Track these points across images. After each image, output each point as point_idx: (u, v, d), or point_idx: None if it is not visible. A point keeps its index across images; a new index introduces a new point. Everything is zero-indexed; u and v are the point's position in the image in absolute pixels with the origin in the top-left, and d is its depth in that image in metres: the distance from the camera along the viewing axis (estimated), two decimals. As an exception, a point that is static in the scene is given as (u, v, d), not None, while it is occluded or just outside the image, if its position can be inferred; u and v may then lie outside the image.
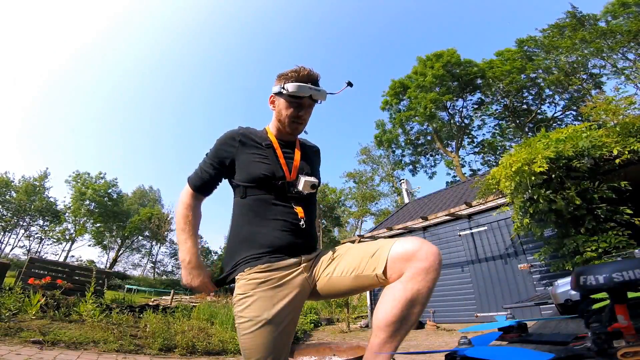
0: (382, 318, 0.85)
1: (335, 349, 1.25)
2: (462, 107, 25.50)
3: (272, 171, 1.09)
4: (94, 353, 3.26)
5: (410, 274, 0.86)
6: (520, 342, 1.24)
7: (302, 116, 1.15)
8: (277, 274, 1.01)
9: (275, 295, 0.98)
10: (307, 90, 1.10)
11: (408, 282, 0.85)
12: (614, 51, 16.85)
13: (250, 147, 1.14)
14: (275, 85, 1.16)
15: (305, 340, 5.95)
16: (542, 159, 4.17)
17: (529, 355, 0.79)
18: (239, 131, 1.17)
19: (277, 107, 1.18)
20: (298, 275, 1.03)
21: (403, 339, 0.86)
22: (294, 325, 1.03)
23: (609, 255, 3.28)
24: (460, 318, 6.85)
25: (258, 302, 0.97)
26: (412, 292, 0.84)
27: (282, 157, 1.14)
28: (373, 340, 0.87)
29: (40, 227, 30.88)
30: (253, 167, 1.10)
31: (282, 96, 1.15)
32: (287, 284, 1.00)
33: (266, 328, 0.94)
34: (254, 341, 0.95)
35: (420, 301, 0.85)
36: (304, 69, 1.14)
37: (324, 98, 1.16)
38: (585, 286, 0.82)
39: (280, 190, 1.09)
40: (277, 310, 0.96)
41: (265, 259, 1.02)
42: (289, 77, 1.13)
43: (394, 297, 0.86)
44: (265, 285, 0.99)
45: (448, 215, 7.38)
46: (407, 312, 0.84)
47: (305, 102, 1.14)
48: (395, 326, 0.84)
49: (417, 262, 0.86)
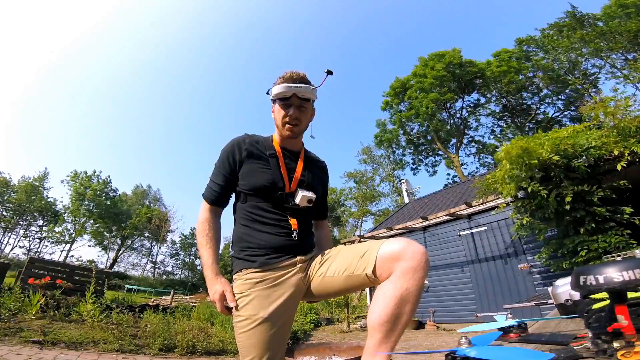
0: (376, 318, 0.87)
1: (335, 349, 1.25)
2: (462, 108, 25.54)
3: (273, 182, 1.12)
4: (94, 353, 3.26)
5: (399, 273, 0.88)
6: (520, 342, 1.24)
7: (292, 115, 1.15)
8: (272, 274, 1.05)
9: (271, 294, 1.02)
10: (289, 89, 1.13)
11: (397, 281, 0.88)
12: (613, 51, 16.86)
13: (255, 156, 1.15)
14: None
15: (305, 340, 5.95)
16: (549, 147, 4.17)
17: (529, 355, 0.79)
18: (245, 139, 1.18)
19: (274, 114, 1.21)
20: (293, 275, 1.07)
21: (398, 339, 0.87)
22: (289, 325, 1.07)
23: (609, 255, 3.28)
24: (460, 318, 6.85)
25: (254, 301, 1.01)
26: (401, 290, 0.86)
27: (284, 168, 1.16)
28: (369, 342, 0.88)
29: (40, 228, 30.89)
30: (255, 176, 1.13)
31: (274, 102, 1.19)
32: (282, 284, 1.04)
33: (262, 326, 0.98)
34: (251, 339, 0.98)
35: (410, 299, 0.86)
36: (288, 71, 1.17)
37: (312, 94, 1.17)
38: (585, 286, 0.82)
39: (278, 200, 1.12)
40: (273, 309, 1.00)
41: (261, 260, 1.06)
42: (276, 82, 1.18)
43: (385, 296, 0.88)
44: (261, 284, 1.04)
45: (448, 215, 7.39)
46: (399, 311, 0.86)
47: (293, 101, 1.15)
48: (388, 325, 0.86)
49: (404, 261, 0.88)
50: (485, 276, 6.73)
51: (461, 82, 23.64)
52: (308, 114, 1.21)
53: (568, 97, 20.79)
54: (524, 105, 23.15)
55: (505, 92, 22.49)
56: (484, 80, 22.91)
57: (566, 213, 4.20)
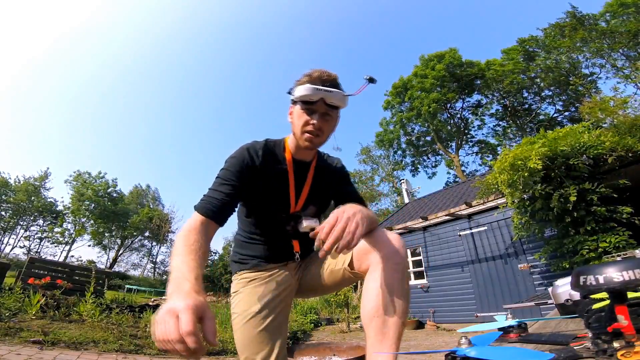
0: (365, 314, 0.83)
1: (335, 349, 1.25)
2: (462, 108, 25.55)
3: (279, 204, 1.07)
4: (94, 353, 3.26)
5: (375, 263, 0.85)
6: (520, 342, 1.24)
7: (316, 124, 0.99)
8: (264, 273, 1.10)
9: (261, 290, 1.06)
10: (317, 92, 0.96)
11: (374, 272, 0.85)
12: (614, 51, 16.86)
13: (266, 172, 1.04)
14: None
15: (305, 340, 5.95)
16: (536, 156, 4.19)
17: (529, 355, 0.79)
18: (257, 150, 1.05)
19: (292, 117, 1.06)
20: (285, 272, 1.11)
21: (397, 335, 0.79)
22: (285, 323, 1.07)
23: (609, 255, 3.28)
24: (460, 318, 6.85)
25: (246, 297, 1.05)
26: (380, 280, 0.82)
27: (293, 188, 1.07)
28: (367, 342, 0.82)
29: (40, 228, 30.88)
30: (262, 196, 1.05)
31: (295, 104, 1.04)
32: (273, 280, 1.08)
33: (254, 320, 1.00)
34: (245, 335, 0.99)
35: (394, 288, 0.81)
36: (317, 70, 1.02)
37: (343, 102, 1.01)
38: (585, 286, 0.82)
39: (281, 222, 1.09)
40: (264, 303, 1.02)
41: (253, 262, 1.11)
42: (301, 81, 1.02)
43: (367, 289, 0.85)
44: (253, 282, 1.08)
45: (448, 215, 7.39)
46: (386, 302, 0.80)
47: (319, 107, 0.99)
48: (379, 320, 0.80)
49: (378, 251, 0.86)
50: (485, 276, 6.73)
51: (461, 82, 23.67)
52: (332, 124, 1.05)
53: (569, 98, 20.79)
54: (524, 106, 23.16)
55: (506, 92, 22.49)
56: (485, 81, 22.93)
57: (566, 213, 4.20)
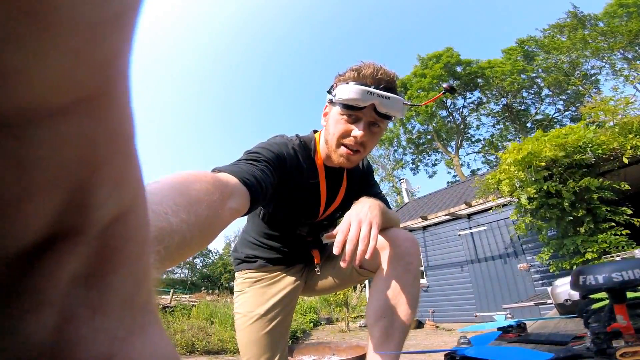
0: (371, 314, 0.80)
1: (335, 348, 1.25)
2: (462, 107, 25.57)
3: (305, 214, 0.96)
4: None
5: (386, 262, 0.81)
6: (520, 342, 1.24)
7: (359, 137, 0.78)
8: (270, 274, 1.06)
9: (268, 291, 1.03)
10: (368, 96, 0.74)
11: (384, 271, 0.81)
12: (614, 51, 16.87)
13: (295, 175, 0.85)
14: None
15: (305, 340, 5.96)
16: (549, 150, 4.22)
17: (529, 355, 0.79)
18: (297, 150, 0.87)
19: (327, 120, 0.86)
20: (292, 273, 1.07)
21: (403, 336, 0.78)
22: (288, 323, 1.06)
23: (608, 256, 3.29)
24: (459, 318, 6.86)
25: (252, 298, 1.02)
26: (390, 280, 0.79)
27: (324, 200, 0.93)
28: (370, 341, 0.81)
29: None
30: (287, 202, 0.91)
31: (334, 104, 0.82)
32: (280, 281, 1.05)
33: (259, 323, 0.98)
34: (249, 336, 0.98)
35: (404, 288, 0.78)
36: (368, 65, 0.78)
37: (400, 112, 0.78)
38: (584, 286, 0.82)
39: (301, 231, 1.00)
40: (270, 306, 1.00)
41: (261, 263, 1.06)
42: (346, 77, 0.80)
43: (375, 289, 0.82)
44: (259, 283, 1.05)
45: (448, 215, 7.39)
46: (394, 303, 0.77)
47: (366, 114, 0.78)
48: (386, 321, 0.77)
49: (389, 249, 0.82)
50: (484, 276, 6.73)
51: (461, 81, 23.71)
52: (377, 139, 0.85)
53: (569, 98, 20.80)
54: (524, 105, 23.20)
55: (506, 92, 22.52)
56: (485, 80, 22.97)
57: (566, 213, 4.21)
